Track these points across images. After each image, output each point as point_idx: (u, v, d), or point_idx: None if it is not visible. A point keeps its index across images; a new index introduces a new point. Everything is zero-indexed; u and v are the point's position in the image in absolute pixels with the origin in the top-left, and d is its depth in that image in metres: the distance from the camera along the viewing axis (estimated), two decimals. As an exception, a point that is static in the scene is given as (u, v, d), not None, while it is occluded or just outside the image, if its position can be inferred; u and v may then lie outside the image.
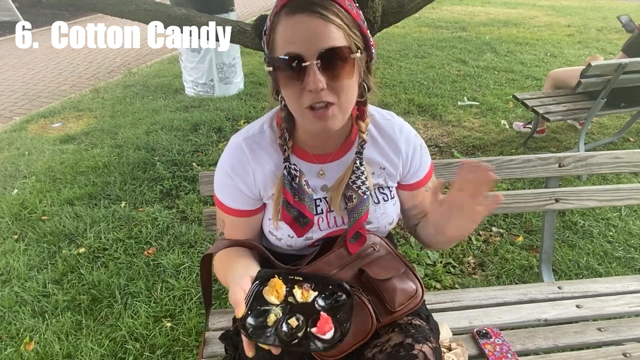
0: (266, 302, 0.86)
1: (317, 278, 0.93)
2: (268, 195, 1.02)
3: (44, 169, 3.24)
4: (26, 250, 2.40)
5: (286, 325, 0.82)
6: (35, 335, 1.90)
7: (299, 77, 0.82)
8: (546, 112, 3.06)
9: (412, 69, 5.42)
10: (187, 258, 2.32)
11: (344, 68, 0.83)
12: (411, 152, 1.06)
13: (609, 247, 2.39)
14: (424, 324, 0.98)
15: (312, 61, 0.80)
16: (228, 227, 1.07)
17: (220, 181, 1.03)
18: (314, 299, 0.88)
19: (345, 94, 0.86)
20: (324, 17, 0.80)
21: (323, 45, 0.80)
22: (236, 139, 1.03)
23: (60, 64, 6.37)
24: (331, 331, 0.81)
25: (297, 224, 0.99)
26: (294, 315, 0.84)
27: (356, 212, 0.99)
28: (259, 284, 0.89)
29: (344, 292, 0.89)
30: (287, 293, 0.88)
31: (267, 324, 0.82)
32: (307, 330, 0.81)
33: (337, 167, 1.02)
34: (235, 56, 4.69)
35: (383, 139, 1.05)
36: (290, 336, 0.81)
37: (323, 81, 0.81)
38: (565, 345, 1.33)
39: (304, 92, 0.83)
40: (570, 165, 1.54)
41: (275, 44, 0.85)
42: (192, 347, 1.83)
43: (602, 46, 6.38)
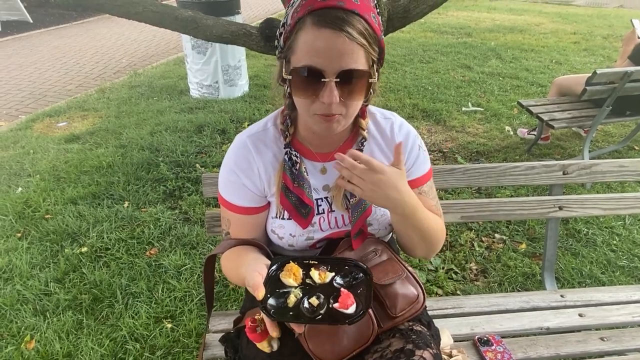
0: (284, 285, 0.88)
1: (332, 260, 0.96)
2: (272, 191, 1.03)
3: (49, 168, 3.26)
4: (29, 249, 2.41)
5: (308, 303, 0.84)
6: (36, 334, 1.90)
7: (316, 88, 0.85)
8: (551, 119, 3.05)
9: (417, 74, 5.43)
10: (188, 259, 2.33)
11: (359, 89, 0.87)
12: (408, 149, 1.06)
13: (612, 256, 2.38)
14: (425, 330, 0.98)
15: (331, 78, 0.83)
16: (233, 226, 1.07)
17: (225, 179, 1.04)
18: (332, 278, 0.90)
19: (353, 108, 0.90)
20: (350, 36, 0.81)
21: (345, 66, 0.83)
22: (241, 137, 1.05)
23: (67, 63, 6.41)
24: (353, 305, 0.83)
25: (299, 215, 1.00)
26: (314, 294, 0.86)
27: (359, 208, 1.00)
28: (275, 270, 0.91)
29: (361, 271, 0.91)
30: (304, 276, 0.90)
31: (287, 304, 0.84)
32: (329, 307, 0.83)
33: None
34: (241, 58, 4.71)
35: (382, 138, 1.06)
36: (313, 313, 0.82)
37: (337, 97, 0.84)
38: (567, 354, 1.32)
39: (317, 101, 0.86)
40: (575, 173, 1.53)
41: (295, 48, 0.86)
42: (192, 349, 1.83)
43: (608, 54, 6.36)
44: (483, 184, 1.52)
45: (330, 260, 0.96)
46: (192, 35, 2.66)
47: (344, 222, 1.04)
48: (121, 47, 7.28)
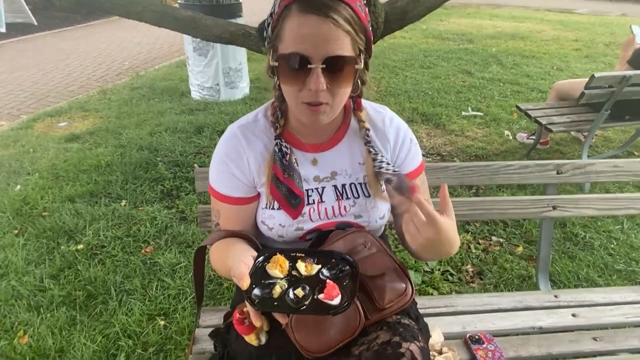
0: (270, 276, 0.88)
1: (319, 253, 0.96)
2: (261, 182, 1.03)
3: (48, 167, 3.27)
4: (25, 245, 2.41)
5: (293, 294, 0.84)
6: (30, 329, 1.90)
7: (302, 75, 0.86)
8: (549, 122, 3.05)
9: (418, 79, 5.44)
10: (183, 258, 2.32)
11: (346, 76, 0.88)
12: (400, 142, 1.06)
13: (609, 260, 2.37)
14: (413, 324, 0.97)
15: (317, 64, 0.84)
16: (223, 216, 1.07)
17: (216, 169, 1.05)
18: (318, 271, 0.90)
19: (340, 97, 0.91)
20: (335, 22, 0.82)
21: (331, 52, 0.84)
22: (231, 128, 1.05)
23: (69, 65, 6.45)
24: (338, 297, 0.83)
25: (289, 206, 1.00)
26: (300, 286, 0.85)
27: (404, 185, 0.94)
28: (261, 261, 0.91)
29: (347, 264, 0.91)
30: (290, 267, 0.90)
31: (272, 295, 0.84)
32: (314, 298, 0.83)
33: (330, 157, 1.04)
34: (242, 61, 4.73)
35: (374, 131, 1.06)
36: (297, 304, 0.82)
37: (324, 84, 0.85)
38: (559, 353, 1.31)
39: (304, 89, 0.87)
40: (569, 172, 1.53)
41: (282, 36, 0.87)
42: (184, 346, 1.82)
43: (610, 61, 6.37)
44: (476, 182, 1.52)
45: (317, 253, 0.96)
46: (192, 35, 2.68)
47: (334, 213, 1.04)
48: (124, 50, 7.33)
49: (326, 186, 1.05)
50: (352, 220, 1.06)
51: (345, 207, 1.05)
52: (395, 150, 1.07)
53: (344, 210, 1.05)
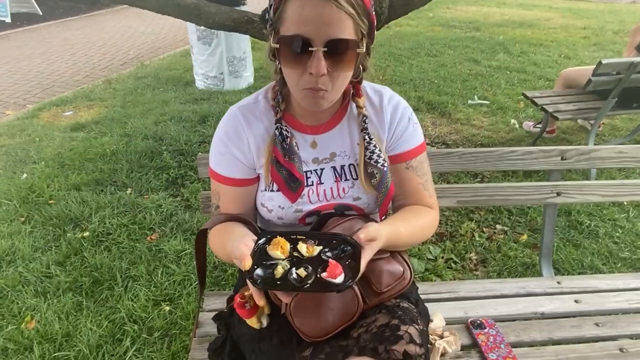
0: (272, 258, 0.88)
1: (319, 235, 0.96)
2: (261, 163, 1.03)
3: (54, 155, 3.29)
4: (32, 233, 2.44)
5: (295, 274, 0.84)
6: (37, 314, 1.93)
7: (303, 58, 0.85)
8: (555, 110, 3.02)
9: (424, 67, 5.39)
10: (188, 245, 2.34)
11: (347, 60, 0.87)
12: (397, 119, 1.05)
13: (614, 248, 2.35)
14: (412, 307, 0.97)
15: (319, 47, 0.84)
16: (223, 198, 1.08)
17: (216, 150, 1.05)
18: (320, 252, 0.90)
19: (340, 82, 0.91)
20: (338, 4, 0.82)
21: (332, 35, 0.83)
22: (231, 109, 1.06)
23: (75, 54, 6.46)
24: (341, 275, 0.83)
25: (288, 189, 1.00)
26: (302, 266, 0.86)
27: (383, 186, 1.01)
28: (262, 243, 0.91)
29: (349, 244, 0.91)
30: (291, 249, 0.90)
31: (275, 275, 0.84)
32: (317, 277, 0.83)
33: (329, 138, 1.05)
34: (246, 50, 4.71)
35: (373, 110, 1.06)
36: (300, 283, 0.83)
37: (325, 67, 0.84)
38: (561, 338, 1.31)
39: (305, 73, 0.87)
40: (573, 158, 1.51)
41: (284, 18, 0.86)
42: (189, 331, 1.84)
43: (619, 49, 6.27)
44: (480, 168, 1.51)
45: (318, 235, 0.96)
46: (195, 22, 2.67)
47: (332, 195, 1.05)
48: (129, 40, 7.33)
49: (325, 167, 1.05)
50: (350, 202, 1.06)
51: (344, 188, 1.05)
52: (392, 127, 1.06)
53: (342, 192, 1.05)
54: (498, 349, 1.24)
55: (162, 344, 1.80)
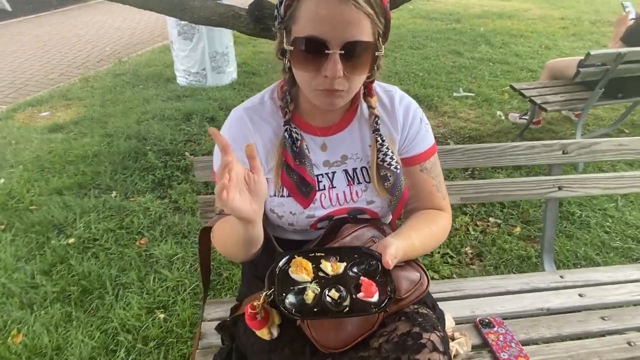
0: (297, 282, 0.84)
1: (338, 250, 0.92)
2: (269, 167, 0.98)
3: (32, 158, 3.15)
4: (13, 241, 2.33)
5: (329, 298, 0.80)
6: (23, 328, 1.84)
7: (318, 61, 0.81)
8: (544, 102, 3.04)
9: (407, 60, 5.38)
10: (180, 248, 2.27)
11: (364, 62, 0.84)
12: (410, 120, 1.02)
13: (606, 238, 2.38)
14: (431, 313, 0.94)
15: (335, 50, 0.79)
16: None
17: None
18: (345, 268, 0.86)
19: (356, 83, 0.87)
20: (357, 3, 0.77)
21: (350, 37, 0.79)
22: (236, 111, 1.00)
23: (48, 52, 6.22)
24: (376, 293, 0.80)
25: (300, 194, 0.96)
26: (333, 287, 0.82)
27: (397, 190, 0.97)
28: (282, 266, 0.86)
29: (373, 258, 0.87)
30: (314, 269, 0.86)
31: (306, 301, 0.80)
32: (353, 297, 0.79)
33: (340, 140, 1.00)
34: (228, 45, 4.60)
35: (384, 111, 1.02)
36: (337, 307, 0.79)
37: (341, 70, 0.80)
38: (569, 334, 1.30)
39: (319, 75, 0.82)
40: (574, 152, 1.51)
41: (297, 17, 0.81)
42: (185, 339, 1.79)
43: (597, 38, 6.38)
44: (482, 164, 1.49)
45: (337, 250, 0.92)
46: (179, 17, 2.58)
47: (345, 199, 1.00)
48: (104, 35, 7.10)
49: (336, 171, 1.01)
50: (364, 207, 1.02)
51: (357, 192, 1.01)
52: (405, 129, 1.03)
53: (355, 195, 1.01)
54: (509, 348, 1.23)
55: (158, 353, 1.74)
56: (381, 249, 0.86)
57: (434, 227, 1.01)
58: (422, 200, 1.06)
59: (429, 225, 1.00)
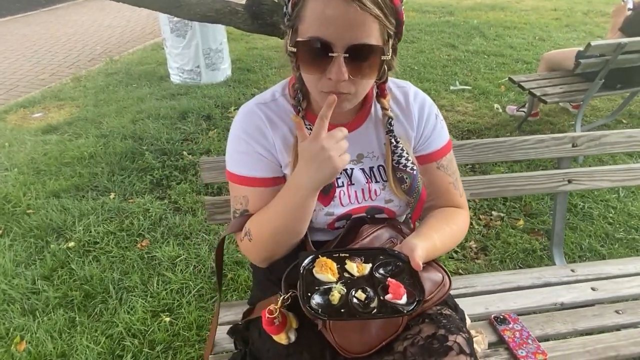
0: (321, 282, 0.82)
1: (363, 251, 0.90)
2: (286, 162, 0.95)
3: (27, 161, 3.09)
4: (12, 246, 2.28)
5: (356, 299, 0.78)
6: (27, 335, 1.80)
7: (322, 63, 0.79)
8: (543, 94, 3.03)
9: (402, 54, 5.35)
10: (182, 250, 2.24)
11: (370, 66, 0.81)
12: (425, 117, 1.00)
13: (609, 229, 2.39)
14: (454, 314, 0.93)
15: (340, 53, 0.77)
16: (252, 202, 0.95)
17: (235, 150, 0.95)
18: (371, 269, 0.84)
19: (363, 87, 0.84)
20: (362, 5, 0.74)
21: (355, 39, 0.76)
22: (248, 105, 0.97)
23: (38, 52, 6.12)
24: (405, 295, 0.78)
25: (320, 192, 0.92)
26: (359, 287, 0.80)
27: (414, 191, 0.94)
28: (306, 265, 0.84)
29: (399, 259, 0.86)
30: (339, 269, 0.84)
31: (332, 302, 0.78)
32: (382, 299, 0.78)
33: (354, 138, 0.97)
34: (222, 41, 4.55)
35: (398, 108, 1.00)
36: (364, 308, 0.77)
37: (346, 74, 0.78)
38: (585, 329, 1.29)
39: (323, 77, 0.80)
40: (584, 145, 1.50)
41: (303, 16, 0.79)
42: (193, 342, 1.76)
43: (590, 29, 6.40)
44: (492, 159, 1.48)
45: (361, 251, 0.90)
46: (175, 14, 2.53)
47: (364, 197, 0.98)
48: (94, 34, 6.99)
49: (354, 168, 0.99)
50: (382, 205, 1.00)
51: (376, 190, 0.99)
52: (421, 127, 1.01)
53: (374, 194, 0.99)
54: (526, 345, 1.22)
55: (166, 357, 1.71)
56: (407, 250, 0.85)
57: (453, 225, 0.99)
58: (440, 198, 1.04)
59: (449, 224, 0.98)
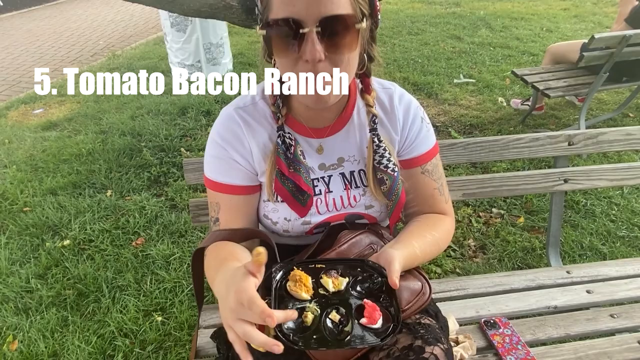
0: (294, 299, 0.78)
1: (340, 262, 0.86)
2: (262, 170, 0.93)
3: (25, 158, 3.10)
4: (7, 244, 2.29)
5: (330, 321, 0.74)
6: (19, 334, 1.81)
7: (296, 44, 0.74)
8: (546, 88, 2.96)
9: (406, 47, 5.27)
10: (177, 248, 2.23)
11: (346, 39, 0.75)
12: (410, 120, 0.96)
13: (612, 227, 2.33)
14: (434, 323, 0.90)
15: (311, 28, 0.72)
16: (224, 209, 0.95)
17: (211, 156, 0.93)
18: (347, 285, 0.80)
19: (344, 66, 0.78)
20: None
21: (325, 11, 0.72)
22: (226, 110, 0.94)
23: (41, 47, 6.13)
24: (380, 318, 0.74)
25: (296, 202, 0.90)
26: (334, 308, 0.76)
27: (393, 194, 0.91)
28: (279, 280, 0.80)
29: (378, 274, 0.82)
30: (314, 284, 0.80)
31: (306, 324, 0.74)
32: (358, 324, 0.74)
33: (335, 142, 0.94)
34: (223, 35, 4.51)
35: (382, 110, 0.96)
36: (339, 333, 0.73)
37: (321, 51, 0.73)
38: (577, 333, 1.26)
39: (300, 61, 0.75)
40: (581, 143, 1.45)
41: (270, 3, 0.75)
42: (184, 342, 1.75)
43: (599, 20, 6.25)
44: (485, 158, 1.43)
45: (339, 262, 0.86)
46: (168, 9, 2.50)
47: (343, 204, 0.95)
48: (97, 29, 6.98)
49: (333, 174, 0.96)
50: (362, 212, 0.97)
51: (355, 196, 0.96)
52: (405, 130, 0.97)
53: (353, 200, 0.96)
54: (515, 351, 1.18)
55: (156, 357, 1.70)
56: (384, 262, 0.81)
57: (436, 233, 0.95)
58: (424, 204, 1.00)
59: (431, 231, 0.95)
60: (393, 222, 0.97)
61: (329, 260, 0.87)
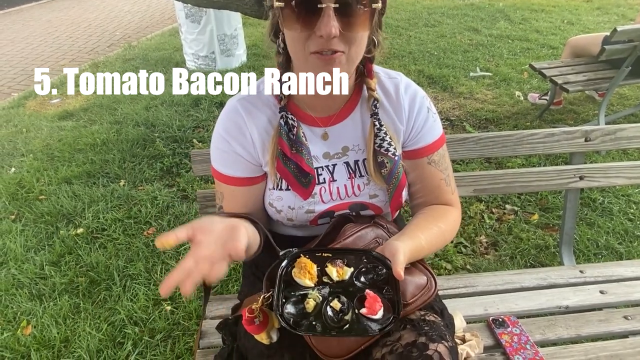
0: (298, 285, 0.79)
1: (346, 252, 0.86)
2: (266, 160, 0.93)
3: (42, 147, 3.15)
4: (23, 231, 2.33)
5: (330, 309, 0.75)
6: (33, 319, 1.85)
7: (311, 19, 0.73)
8: (565, 82, 2.88)
9: (422, 39, 5.20)
10: (187, 238, 2.24)
11: (362, 18, 0.75)
12: (415, 110, 0.95)
13: (629, 226, 2.27)
14: (439, 320, 0.88)
15: (329, 3, 0.72)
16: (227, 199, 0.98)
17: (216, 147, 0.95)
18: (352, 275, 0.81)
19: (356, 46, 0.78)
20: None
21: None
22: (231, 102, 0.95)
23: (59, 38, 6.21)
24: (381, 310, 0.74)
25: (299, 185, 0.90)
26: (336, 296, 0.76)
27: (394, 177, 0.90)
28: (285, 266, 0.81)
29: (383, 265, 0.81)
30: (319, 273, 0.81)
31: (307, 310, 0.75)
32: (357, 313, 0.74)
33: (341, 130, 0.94)
34: (237, 27, 4.50)
35: (387, 100, 0.95)
36: (339, 321, 0.73)
37: (337, 28, 0.73)
38: (589, 334, 1.23)
39: (313, 36, 0.75)
40: (598, 139, 1.40)
41: None
42: (192, 332, 1.77)
43: (623, 12, 6.06)
44: (498, 153, 1.40)
45: (345, 252, 0.86)
46: (182, 1, 2.50)
47: (347, 193, 0.95)
48: (114, 19, 7.05)
49: (337, 163, 0.95)
50: (367, 201, 0.96)
51: (359, 185, 0.95)
52: (411, 120, 0.96)
53: (357, 189, 0.95)
54: (524, 350, 1.16)
55: (165, 346, 1.72)
56: (389, 254, 0.80)
57: (442, 224, 0.94)
58: (430, 195, 0.99)
59: (437, 223, 0.93)
60: (394, 209, 0.95)
61: (335, 250, 0.87)
